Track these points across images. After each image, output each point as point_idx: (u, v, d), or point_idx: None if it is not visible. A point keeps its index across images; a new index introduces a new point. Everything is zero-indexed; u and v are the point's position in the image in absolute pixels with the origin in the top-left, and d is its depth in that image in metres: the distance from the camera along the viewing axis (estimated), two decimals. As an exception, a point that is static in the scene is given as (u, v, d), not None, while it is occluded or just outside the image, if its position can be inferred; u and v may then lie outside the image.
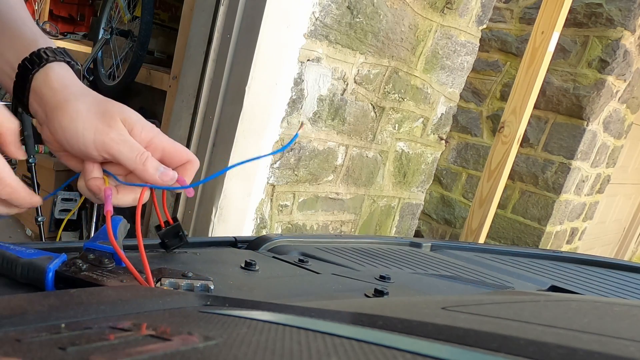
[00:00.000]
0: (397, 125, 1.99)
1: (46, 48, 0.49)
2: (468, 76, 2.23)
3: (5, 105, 0.45)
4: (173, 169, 0.47)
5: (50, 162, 2.15)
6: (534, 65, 1.95)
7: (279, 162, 1.61)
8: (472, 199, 2.22)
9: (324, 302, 0.39)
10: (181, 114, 1.59)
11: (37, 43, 0.50)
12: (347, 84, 1.71)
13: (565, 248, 3.09)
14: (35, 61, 0.48)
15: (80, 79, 0.51)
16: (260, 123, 1.50)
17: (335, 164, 1.82)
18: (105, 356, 0.19)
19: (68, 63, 0.50)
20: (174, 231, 0.51)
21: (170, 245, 0.52)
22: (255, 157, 0.61)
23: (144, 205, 0.45)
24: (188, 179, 0.48)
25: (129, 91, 2.38)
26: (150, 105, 2.42)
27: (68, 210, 2.15)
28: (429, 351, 0.21)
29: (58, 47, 0.50)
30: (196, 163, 0.49)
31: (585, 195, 3.02)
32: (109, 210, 0.40)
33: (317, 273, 0.54)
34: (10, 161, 0.56)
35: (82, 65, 2.27)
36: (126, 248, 0.42)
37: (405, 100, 1.96)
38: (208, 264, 0.52)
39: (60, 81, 0.47)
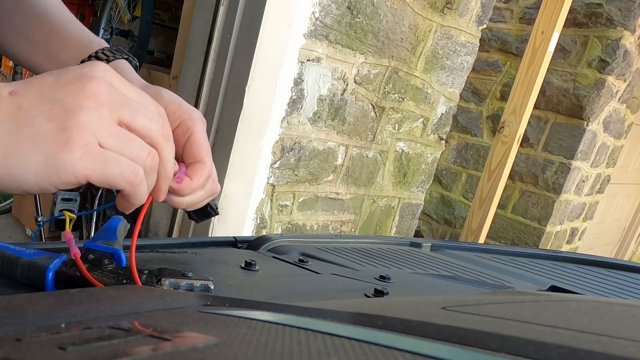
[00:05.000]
0: (397, 125, 1.99)
1: (104, 49, 0.50)
2: (468, 76, 2.23)
3: None
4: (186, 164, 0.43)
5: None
6: (534, 65, 1.95)
7: (279, 162, 1.61)
8: (472, 199, 2.22)
9: (324, 302, 0.39)
10: (181, 114, 1.59)
11: (92, 44, 0.51)
12: (347, 84, 1.71)
13: (565, 248, 3.09)
14: None
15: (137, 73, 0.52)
16: (260, 123, 1.50)
17: (335, 164, 1.82)
18: (105, 356, 0.19)
19: (126, 59, 0.51)
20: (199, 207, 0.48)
21: (199, 218, 0.50)
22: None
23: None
24: (195, 180, 0.42)
25: (129, 91, 2.37)
26: (150, 105, 2.41)
27: (69, 210, 2.14)
28: (429, 351, 0.21)
29: (113, 46, 0.51)
30: (208, 166, 0.43)
31: (585, 195, 3.02)
32: (75, 253, 0.38)
33: (317, 273, 0.54)
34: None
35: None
36: (126, 248, 0.42)
37: (405, 100, 1.96)
38: (208, 264, 0.52)
39: (123, 76, 0.48)
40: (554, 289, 0.69)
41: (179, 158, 0.44)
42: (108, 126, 0.31)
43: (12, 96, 0.30)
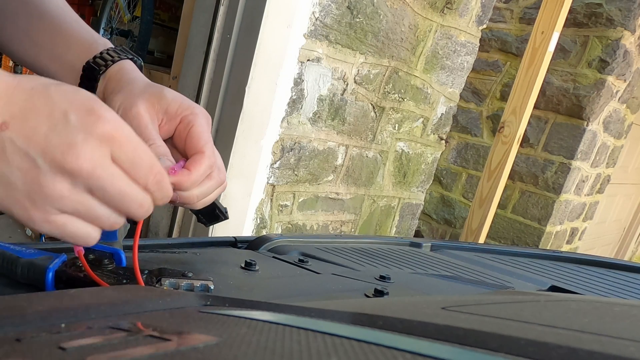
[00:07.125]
0: (397, 125, 1.99)
1: (108, 49, 0.50)
2: (468, 76, 2.23)
3: None
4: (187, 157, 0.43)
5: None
6: (534, 65, 1.95)
7: (279, 162, 1.61)
8: (472, 199, 2.22)
9: (324, 302, 0.39)
10: (181, 114, 1.59)
11: (97, 45, 0.51)
12: (347, 84, 1.71)
13: (565, 248, 3.09)
14: (101, 63, 0.49)
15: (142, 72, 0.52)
16: (260, 123, 1.50)
17: (335, 164, 1.82)
18: (105, 356, 0.19)
19: (131, 59, 0.51)
20: (208, 209, 0.48)
21: (207, 221, 0.51)
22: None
23: None
24: (195, 171, 0.41)
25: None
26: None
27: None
28: (429, 351, 0.21)
29: (118, 46, 0.52)
30: (207, 156, 0.43)
31: (585, 195, 3.02)
32: (79, 250, 0.38)
33: (317, 273, 0.54)
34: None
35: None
36: (126, 248, 0.42)
37: (405, 100, 1.96)
38: (208, 264, 0.52)
39: (127, 75, 0.48)
40: (554, 289, 0.69)
41: (182, 153, 0.44)
42: (75, 203, 0.31)
43: (2, 131, 0.30)
